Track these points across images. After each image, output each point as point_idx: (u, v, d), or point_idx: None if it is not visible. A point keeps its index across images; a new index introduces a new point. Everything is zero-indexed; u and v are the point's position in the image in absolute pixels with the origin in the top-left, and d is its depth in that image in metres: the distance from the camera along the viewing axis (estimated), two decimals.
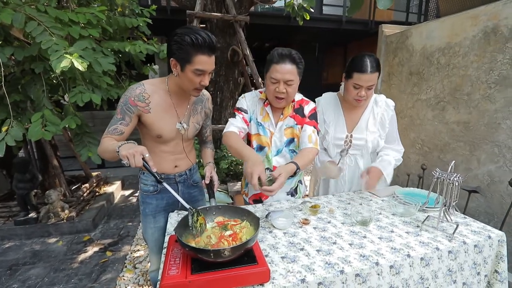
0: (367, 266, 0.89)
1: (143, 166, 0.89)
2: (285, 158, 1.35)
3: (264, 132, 1.33)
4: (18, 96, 1.59)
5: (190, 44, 0.98)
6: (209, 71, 1.05)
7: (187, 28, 1.01)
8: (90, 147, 1.69)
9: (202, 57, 1.00)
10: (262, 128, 1.33)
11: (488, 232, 1.08)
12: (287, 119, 1.33)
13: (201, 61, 1.00)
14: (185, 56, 1.00)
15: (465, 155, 2.37)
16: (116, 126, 1.09)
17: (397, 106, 3.40)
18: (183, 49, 0.99)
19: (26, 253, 2.31)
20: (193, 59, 1.00)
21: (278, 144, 1.34)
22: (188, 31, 0.99)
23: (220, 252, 0.74)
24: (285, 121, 1.33)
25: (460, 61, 2.42)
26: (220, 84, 3.68)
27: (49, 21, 1.33)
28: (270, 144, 1.33)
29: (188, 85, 1.08)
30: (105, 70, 1.43)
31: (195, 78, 1.04)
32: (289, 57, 1.20)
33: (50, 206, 2.57)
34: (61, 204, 2.63)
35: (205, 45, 0.99)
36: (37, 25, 1.31)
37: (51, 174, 2.89)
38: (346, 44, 7.89)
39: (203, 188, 1.43)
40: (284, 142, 1.34)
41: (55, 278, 2.01)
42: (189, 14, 2.92)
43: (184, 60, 1.01)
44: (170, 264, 0.82)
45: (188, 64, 1.01)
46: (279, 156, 1.35)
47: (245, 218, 0.98)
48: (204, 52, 0.99)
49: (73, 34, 1.43)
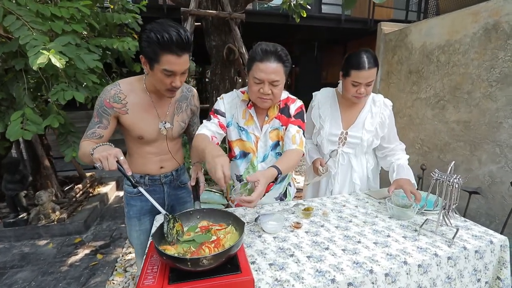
0: (360, 274, 0.83)
1: (118, 169, 0.83)
2: (271, 163, 1.18)
3: (248, 137, 1.20)
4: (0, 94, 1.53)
5: (157, 42, 0.89)
6: (180, 72, 0.96)
7: (156, 24, 0.91)
8: (75, 147, 1.64)
9: (170, 57, 0.91)
10: (245, 133, 1.20)
11: (490, 237, 1.02)
12: (272, 121, 1.20)
13: (169, 61, 0.91)
14: (153, 55, 0.92)
15: (466, 155, 2.31)
16: (94, 129, 1.05)
17: (396, 105, 3.35)
18: (150, 47, 0.91)
19: (14, 255, 2.25)
20: (160, 58, 0.91)
21: (263, 149, 1.22)
22: (156, 27, 0.89)
23: (199, 261, 0.68)
24: (270, 123, 1.20)
25: (460, 59, 2.36)
26: (216, 83, 3.62)
27: (28, 15, 1.27)
28: (256, 150, 1.21)
29: (159, 85, 1.00)
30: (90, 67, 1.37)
31: (165, 79, 0.96)
32: (274, 54, 1.04)
33: (40, 208, 2.51)
34: (52, 206, 2.57)
35: (173, 44, 0.89)
36: (16, 19, 1.24)
37: (43, 175, 2.84)
38: (346, 42, 7.84)
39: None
40: (269, 146, 1.21)
41: (42, 282, 1.95)
42: (184, 11, 2.86)
43: (152, 59, 0.93)
44: (147, 273, 0.76)
45: (157, 64, 0.93)
46: (265, 162, 1.23)
47: (231, 223, 0.92)
48: (172, 51, 0.90)
49: (55, 29, 1.36)
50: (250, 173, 1.20)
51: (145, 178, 1.19)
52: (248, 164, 1.23)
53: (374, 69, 1.31)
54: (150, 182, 1.20)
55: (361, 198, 1.42)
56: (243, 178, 1.20)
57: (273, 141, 1.21)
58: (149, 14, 4.93)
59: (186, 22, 2.91)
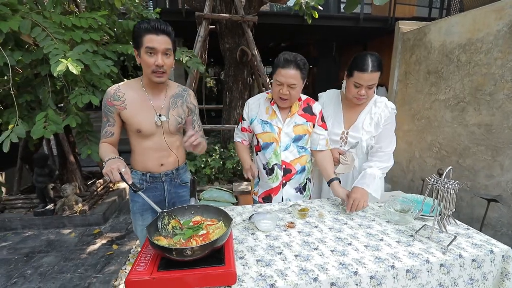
0: (344, 275, 0.84)
1: (121, 178, 0.97)
2: (293, 153, 1.40)
3: (272, 129, 1.40)
4: (29, 96, 1.72)
5: (139, 29, 1.09)
6: (160, 50, 1.10)
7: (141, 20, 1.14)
8: (91, 145, 1.78)
9: (150, 36, 1.08)
10: (269, 126, 1.40)
11: (492, 246, 0.98)
12: (295, 116, 1.39)
13: (150, 40, 1.08)
14: (138, 41, 1.10)
15: (487, 161, 2.17)
16: (106, 129, 1.20)
17: (413, 107, 3.21)
18: (136, 37, 1.10)
19: (42, 241, 2.48)
20: (143, 40, 1.09)
21: (286, 140, 1.39)
22: (140, 22, 1.11)
23: (183, 251, 0.74)
24: (293, 118, 1.39)
25: (482, 58, 2.23)
26: (230, 84, 3.70)
27: (52, 27, 1.43)
28: (279, 140, 1.39)
29: (146, 69, 1.14)
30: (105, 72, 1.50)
31: (149, 59, 1.11)
32: (293, 63, 1.25)
33: (65, 199, 2.74)
34: (75, 198, 2.79)
35: (150, 26, 1.08)
36: (41, 31, 1.41)
37: (69, 170, 3.08)
38: (366, 42, 7.60)
39: None
40: (292, 137, 1.39)
41: (64, 267, 2.13)
42: (198, 15, 2.97)
43: (138, 45, 1.11)
44: (140, 260, 0.83)
45: (142, 47, 1.10)
46: (288, 151, 1.40)
47: (221, 219, 0.97)
48: (151, 32, 1.08)
49: (75, 38, 1.52)
50: (273, 161, 1.41)
51: (146, 176, 1.28)
52: (272, 152, 1.41)
53: (377, 73, 1.31)
54: (151, 180, 1.29)
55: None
56: (268, 166, 1.43)
57: (296, 134, 1.39)
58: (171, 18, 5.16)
59: (200, 25, 3.02)
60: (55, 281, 1.98)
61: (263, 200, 1.49)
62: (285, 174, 1.41)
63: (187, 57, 1.97)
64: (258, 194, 1.51)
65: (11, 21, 1.39)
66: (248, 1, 3.38)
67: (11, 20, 1.39)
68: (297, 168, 1.41)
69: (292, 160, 1.40)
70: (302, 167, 1.42)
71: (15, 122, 1.44)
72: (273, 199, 1.46)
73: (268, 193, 1.47)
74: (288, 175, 1.41)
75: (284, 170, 1.41)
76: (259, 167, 1.47)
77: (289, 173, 1.41)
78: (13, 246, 2.43)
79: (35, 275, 2.04)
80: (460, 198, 2.40)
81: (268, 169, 1.42)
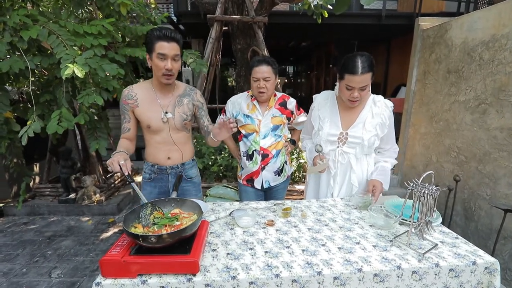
0: (307, 274, 0.85)
1: (120, 169, 1.08)
2: (270, 140, 1.65)
3: (252, 121, 1.64)
4: (49, 96, 1.97)
5: (152, 36, 1.23)
6: (170, 56, 1.23)
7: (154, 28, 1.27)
8: (99, 141, 1.97)
9: (162, 43, 1.21)
10: (250, 119, 1.65)
11: (476, 258, 0.92)
12: (272, 110, 1.66)
13: (161, 46, 1.21)
14: (151, 47, 1.23)
15: (509, 167, 1.99)
16: (124, 125, 1.36)
17: (431, 108, 3.03)
18: (149, 42, 1.24)
19: (63, 227, 2.74)
20: (155, 46, 1.22)
21: (265, 130, 1.65)
22: (153, 30, 1.24)
23: (148, 238, 0.80)
24: (270, 110, 1.65)
25: (507, 56, 2.06)
26: (241, 84, 3.76)
27: (65, 34, 1.64)
28: (259, 130, 1.64)
29: (157, 72, 1.27)
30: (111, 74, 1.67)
31: (160, 63, 1.24)
32: (264, 61, 1.56)
33: (85, 190, 2.99)
34: (94, 189, 3.03)
35: (162, 34, 1.21)
36: (56, 38, 1.61)
37: (90, 162, 3.36)
38: (390, 40, 7.23)
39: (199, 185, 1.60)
40: (270, 127, 1.65)
41: (79, 250, 2.34)
42: (210, 18, 3.07)
43: (150, 50, 1.24)
44: (117, 245, 0.91)
45: (153, 52, 1.23)
46: (266, 139, 1.65)
47: (197, 213, 1.01)
48: (162, 39, 1.21)
49: (86, 44, 1.72)
50: (253, 147, 1.65)
51: (154, 167, 1.43)
52: (252, 140, 1.65)
53: (368, 74, 1.28)
54: (158, 171, 1.43)
55: (351, 204, 1.37)
56: (249, 152, 1.66)
57: (274, 124, 1.65)
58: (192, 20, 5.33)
59: (212, 27, 3.11)
60: (69, 262, 2.18)
61: (247, 182, 1.72)
62: (263, 159, 1.65)
63: (191, 59, 2.07)
64: (242, 177, 1.75)
65: (32, 30, 1.60)
66: (260, 2, 3.41)
67: (32, 29, 1.60)
68: (273, 153, 1.65)
69: (269, 146, 1.64)
70: (277, 151, 1.67)
71: (32, 119, 1.64)
72: (255, 181, 1.70)
73: (250, 176, 1.70)
74: (266, 160, 1.65)
75: (262, 155, 1.64)
76: (241, 153, 1.72)
77: (267, 158, 1.65)
78: (39, 229, 2.71)
79: (54, 256, 2.26)
80: (478, 207, 2.23)
81: (248, 155, 1.66)
